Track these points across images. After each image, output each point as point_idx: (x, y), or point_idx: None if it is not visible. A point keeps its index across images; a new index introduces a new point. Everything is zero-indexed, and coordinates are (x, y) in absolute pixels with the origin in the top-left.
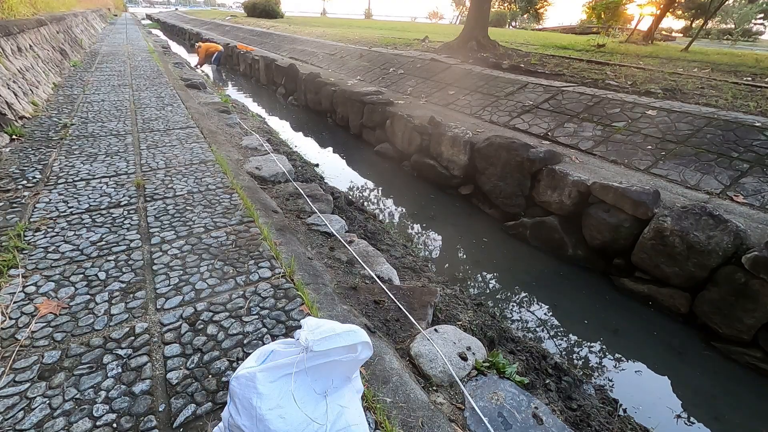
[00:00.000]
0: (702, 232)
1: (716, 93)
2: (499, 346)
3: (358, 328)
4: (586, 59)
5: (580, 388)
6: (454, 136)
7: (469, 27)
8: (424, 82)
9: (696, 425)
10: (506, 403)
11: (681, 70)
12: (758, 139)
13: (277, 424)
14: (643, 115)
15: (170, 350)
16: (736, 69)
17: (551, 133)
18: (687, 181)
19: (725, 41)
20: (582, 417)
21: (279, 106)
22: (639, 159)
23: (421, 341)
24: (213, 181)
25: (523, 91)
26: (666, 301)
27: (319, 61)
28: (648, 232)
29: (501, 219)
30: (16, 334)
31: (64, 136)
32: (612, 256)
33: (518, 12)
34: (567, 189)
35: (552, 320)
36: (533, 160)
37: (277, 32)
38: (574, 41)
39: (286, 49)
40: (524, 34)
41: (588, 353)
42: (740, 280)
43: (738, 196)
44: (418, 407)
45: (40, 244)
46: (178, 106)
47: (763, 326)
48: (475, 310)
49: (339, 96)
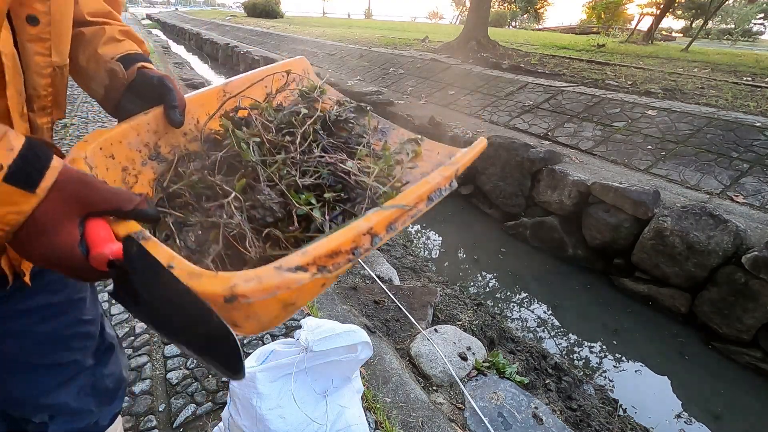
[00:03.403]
0: (702, 232)
1: (716, 93)
2: (499, 346)
3: (358, 328)
4: (586, 59)
5: (580, 388)
6: (454, 136)
7: (469, 27)
8: (424, 82)
9: (696, 425)
10: (506, 403)
11: (681, 70)
12: (758, 139)
13: (277, 424)
14: (643, 115)
15: (170, 350)
16: (736, 69)
17: (551, 133)
18: (687, 181)
19: (725, 41)
20: (582, 417)
21: None
22: (639, 159)
23: (421, 341)
24: None
25: (523, 91)
26: (666, 301)
27: (319, 61)
28: (648, 232)
29: (501, 219)
30: None
31: (64, 136)
32: (612, 256)
33: (518, 12)
34: (567, 189)
35: (552, 320)
36: (533, 160)
37: (277, 32)
38: (574, 41)
39: (286, 49)
40: (524, 34)
41: (588, 353)
42: (740, 280)
43: (738, 196)
44: (418, 407)
45: None
46: None
47: (763, 326)
48: (475, 310)
49: None
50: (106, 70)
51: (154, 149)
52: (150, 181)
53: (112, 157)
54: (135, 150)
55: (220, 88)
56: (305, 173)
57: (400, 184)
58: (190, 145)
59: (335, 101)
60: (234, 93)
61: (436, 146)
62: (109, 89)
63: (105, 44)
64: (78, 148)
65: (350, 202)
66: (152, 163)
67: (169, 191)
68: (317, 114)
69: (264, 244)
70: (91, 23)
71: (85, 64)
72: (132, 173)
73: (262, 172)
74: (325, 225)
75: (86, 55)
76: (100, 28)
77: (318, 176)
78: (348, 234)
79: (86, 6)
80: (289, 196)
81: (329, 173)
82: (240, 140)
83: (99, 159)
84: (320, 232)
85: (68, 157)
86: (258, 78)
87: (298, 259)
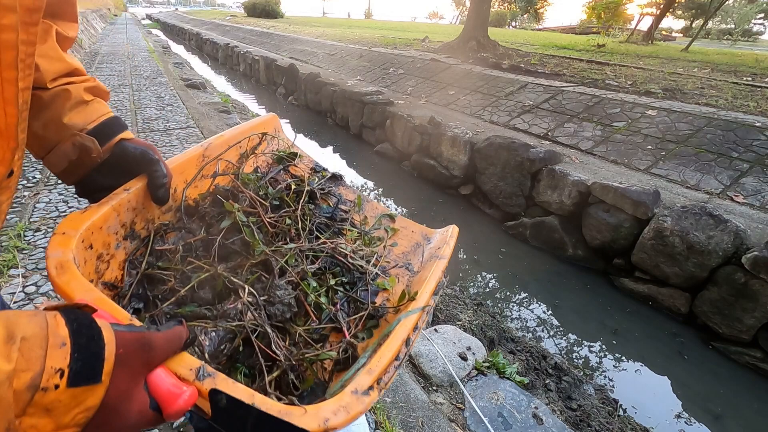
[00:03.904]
0: (702, 232)
1: (716, 93)
2: (499, 346)
3: None
4: (586, 59)
5: (580, 388)
6: (454, 136)
7: (469, 27)
8: (424, 82)
9: (696, 425)
10: (506, 403)
11: (681, 70)
12: (758, 139)
13: None
14: (643, 115)
15: None
16: (736, 69)
17: (551, 133)
18: (687, 181)
19: (725, 41)
20: (582, 417)
21: (279, 106)
22: (639, 159)
23: (421, 341)
24: None
25: (523, 91)
26: (666, 301)
27: (319, 61)
28: (648, 232)
29: (501, 219)
30: None
31: None
32: (612, 256)
33: (518, 12)
34: (567, 189)
35: (552, 320)
36: (533, 160)
37: (277, 32)
38: (574, 41)
39: (286, 49)
40: (524, 34)
41: (588, 353)
42: (740, 280)
43: (738, 196)
44: (418, 407)
45: (40, 244)
46: (178, 106)
47: (763, 326)
48: (475, 310)
49: (339, 96)
50: (74, 144)
51: (130, 227)
52: (120, 263)
53: (90, 247)
54: (112, 233)
55: (199, 152)
56: (308, 257)
57: (387, 264)
58: (164, 216)
59: (309, 168)
60: (212, 157)
61: (410, 224)
62: (76, 165)
63: (71, 110)
64: (62, 248)
65: (350, 285)
66: (125, 243)
67: (147, 274)
68: (305, 189)
69: (284, 341)
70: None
71: (43, 132)
72: (105, 259)
73: (275, 263)
74: (339, 315)
75: (43, 122)
76: (63, 89)
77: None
78: (394, 346)
79: (49, 70)
80: (304, 287)
81: (328, 256)
82: (243, 224)
83: (79, 254)
84: (331, 322)
85: (54, 261)
86: (235, 141)
87: (367, 380)
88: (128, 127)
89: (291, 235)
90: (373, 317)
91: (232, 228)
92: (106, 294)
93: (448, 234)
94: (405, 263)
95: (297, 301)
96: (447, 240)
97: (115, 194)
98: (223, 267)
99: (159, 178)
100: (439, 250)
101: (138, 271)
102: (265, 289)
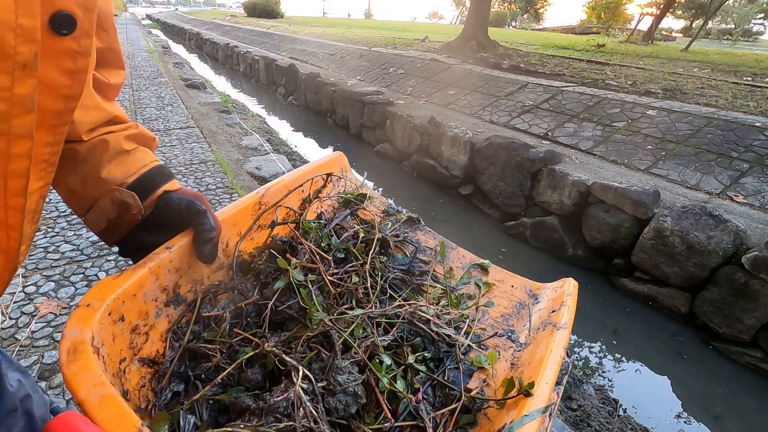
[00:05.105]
0: (702, 232)
1: (716, 93)
2: None
3: None
4: (586, 59)
5: (580, 388)
6: (454, 136)
7: (469, 27)
8: (424, 82)
9: (696, 425)
10: None
11: (681, 70)
12: (758, 139)
13: None
14: (643, 115)
15: None
16: (736, 69)
17: (551, 133)
18: (687, 181)
19: (725, 41)
20: (582, 417)
21: (279, 106)
22: (639, 159)
23: None
24: (213, 181)
25: (523, 91)
26: (666, 301)
27: (319, 61)
28: (648, 232)
29: (501, 219)
30: (16, 334)
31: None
32: (612, 256)
33: (518, 12)
34: (567, 189)
35: None
36: (533, 160)
37: (277, 32)
38: (574, 41)
39: (286, 49)
40: (524, 34)
41: (588, 353)
42: (740, 280)
43: (738, 196)
44: None
45: (40, 244)
46: (178, 106)
47: (763, 326)
48: None
49: (339, 96)
50: (113, 200)
51: (173, 292)
52: (162, 333)
53: (121, 319)
54: (150, 300)
55: (255, 200)
56: (379, 325)
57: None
58: (215, 275)
59: (381, 211)
60: (270, 204)
61: (509, 277)
62: (115, 223)
63: (110, 163)
64: (81, 325)
65: (434, 362)
66: (168, 310)
67: (189, 348)
68: (376, 236)
69: None
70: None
71: (81, 189)
72: (143, 331)
73: (337, 337)
74: (421, 409)
75: (81, 177)
76: (100, 140)
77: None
78: None
79: (84, 121)
80: (374, 368)
81: (405, 323)
82: (298, 285)
83: (106, 330)
84: (411, 416)
85: (67, 344)
86: (296, 184)
87: None
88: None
89: (358, 296)
90: (468, 410)
91: (288, 288)
92: (144, 371)
93: (565, 291)
94: (506, 330)
95: (365, 386)
96: (564, 300)
97: (154, 254)
98: (275, 340)
99: (205, 232)
100: (553, 314)
101: (181, 344)
102: (324, 371)
